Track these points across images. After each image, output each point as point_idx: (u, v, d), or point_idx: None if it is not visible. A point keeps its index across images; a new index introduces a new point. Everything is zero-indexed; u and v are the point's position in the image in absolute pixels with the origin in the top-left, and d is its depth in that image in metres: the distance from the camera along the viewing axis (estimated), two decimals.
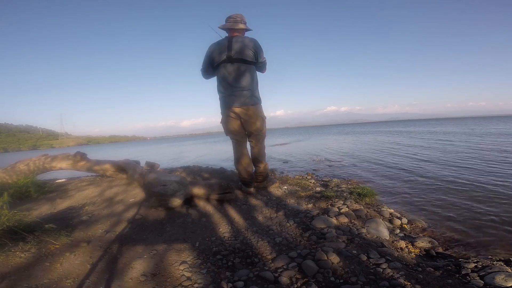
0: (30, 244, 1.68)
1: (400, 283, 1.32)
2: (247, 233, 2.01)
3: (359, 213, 2.32)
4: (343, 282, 1.37)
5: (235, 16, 2.67)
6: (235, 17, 2.66)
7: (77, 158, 4.04)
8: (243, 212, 2.43)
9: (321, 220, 2.12)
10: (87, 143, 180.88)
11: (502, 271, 1.41)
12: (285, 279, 1.41)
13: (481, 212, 2.53)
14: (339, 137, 17.37)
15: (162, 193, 2.39)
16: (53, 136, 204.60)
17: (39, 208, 2.60)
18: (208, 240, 1.92)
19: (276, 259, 1.61)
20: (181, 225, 2.18)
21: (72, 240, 1.85)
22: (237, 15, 2.67)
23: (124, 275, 1.46)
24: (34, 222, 1.88)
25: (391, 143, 10.36)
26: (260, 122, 2.77)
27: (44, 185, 3.32)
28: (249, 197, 2.81)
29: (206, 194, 2.62)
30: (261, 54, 2.68)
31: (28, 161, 3.93)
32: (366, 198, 2.80)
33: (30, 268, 1.48)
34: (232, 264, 1.60)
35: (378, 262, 1.54)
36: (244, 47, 2.58)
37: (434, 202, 2.89)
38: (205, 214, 2.39)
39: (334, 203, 2.55)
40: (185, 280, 1.43)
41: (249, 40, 2.63)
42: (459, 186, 3.41)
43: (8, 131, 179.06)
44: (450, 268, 1.55)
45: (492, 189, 3.20)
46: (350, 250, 1.66)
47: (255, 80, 2.74)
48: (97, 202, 2.73)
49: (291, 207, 2.53)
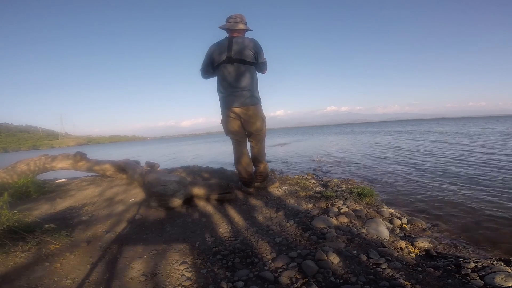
0: (30, 244, 1.68)
1: (400, 283, 1.32)
2: (247, 233, 2.01)
3: (359, 213, 2.32)
4: (343, 282, 1.37)
5: (235, 16, 2.66)
6: (235, 18, 2.65)
7: (77, 158, 4.04)
8: (243, 212, 2.42)
9: (321, 220, 2.12)
10: (87, 143, 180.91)
11: (502, 271, 1.40)
12: (285, 279, 1.41)
13: (481, 212, 2.53)
14: (339, 137, 17.38)
15: (162, 193, 2.39)
16: (53, 136, 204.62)
17: (39, 208, 2.60)
18: (208, 240, 1.92)
19: (276, 259, 1.61)
20: (181, 225, 2.18)
21: (72, 240, 1.85)
22: (237, 15, 2.66)
23: (124, 275, 1.46)
24: (34, 222, 1.88)
25: (391, 143, 10.36)
26: (260, 122, 2.77)
27: (44, 185, 3.32)
28: (249, 197, 2.81)
29: (206, 194, 2.62)
30: (261, 55, 2.68)
31: (28, 161, 3.93)
32: (366, 198, 2.80)
33: (30, 268, 1.49)
34: (232, 264, 1.60)
35: (378, 262, 1.54)
36: (244, 48, 2.58)
37: (434, 202, 2.90)
38: (205, 214, 2.39)
39: (334, 203, 2.55)
40: (185, 280, 1.44)
41: (249, 40, 2.63)
42: (459, 186, 3.42)
43: (8, 131, 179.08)
44: (450, 268, 1.54)
45: (492, 189, 3.21)
46: (350, 250, 1.66)
47: (255, 80, 2.74)
48: (97, 202, 2.73)
49: (291, 207, 2.53)
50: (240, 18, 2.65)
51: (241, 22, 2.65)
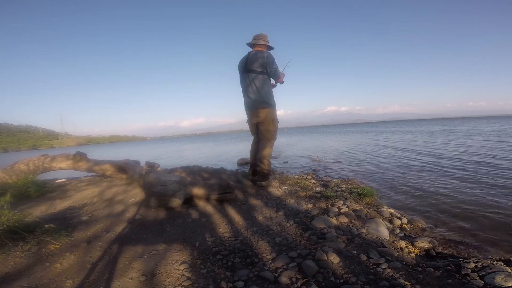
0: (30, 244, 1.68)
1: (400, 283, 1.32)
2: (247, 233, 2.01)
3: (359, 213, 2.32)
4: (343, 282, 1.37)
5: (259, 35, 3.15)
6: (258, 36, 3.14)
7: (77, 158, 4.04)
8: (243, 212, 2.43)
9: (321, 220, 2.12)
10: (87, 143, 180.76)
11: (502, 271, 1.40)
12: (285, 279, 1.41)
13: (481, 212, 2.53)
14: (339, 137, 17.38)
15: (162, 193, 2.39)
16: (53, 136, 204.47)
17: (39, 208, 2.60)
18: (208, 240, 1.92)
19: (276, 259, 1.61)
20: (181, 225, 2.18)
21: (72, 240, 1.85)
22: (261, 34, 3.14)
23: (124, 275, 1.46)
24: (34, 222, 1.88)
25: (391, 143, 10.36)
26: (268, 123, 3.12)
27: (44, 185, 3.32)
28: (249, 197, 2.81)
29: (206, 194, 2.62)
30: (270, 65, 3.00)
31: (28, 161, 3.93)
32: (366, 198, 2.80)
33: (30, 268, 1.48)
34: (232, 264, 1.60)
35: (378, 262, 1.54)
36: (256, 59, 3.00)
37: (434, 202, 2.89)
38: (205, 214, 2.39)
39: (334, 203, 2.55)
40: (185, 280, 1.43)
41: (262, 53, 3.01)
42: (459, 186, 3.41)
43: (8, 131, 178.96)
44: (450, 268, 1.55)
45: (492, 189, 3.20)
46: (350, 250, 1.66)
47: (266, 87, 3.08)
48: (97, 202, 2.73)
49: (291, 207, 2.53)
50: (262, 37, 3.12)
51: (262, 39, 3.11)
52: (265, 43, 3.12)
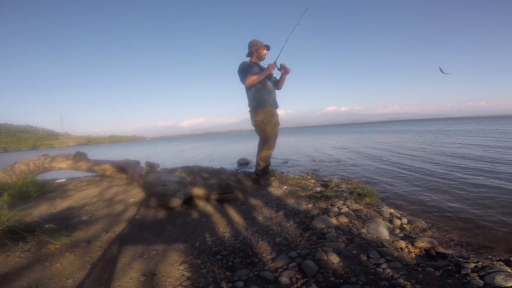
0: (30, 244, 1.68)
1: (400, 283, 1.32)
2: (247, 233, 2.01)
3: (359, 213, 2.32)
4: (343, 282, 1.37)
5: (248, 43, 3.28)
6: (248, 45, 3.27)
7: (77, 158, 4.04)
8: (243, 212, 2.43)
9: (321, 220, 2.12)
10: (87, 143, 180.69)
11: (502, 271, 1.40)
12: (285, 279, 1.41)
13: (481, 212, 2.53)
14: (339, 137, 17.37)
15: (162, 193, 2.39)
16: (53, 136, 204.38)
17: (39, 208, 2.60)
18: (208, 240, 1.92)
19: (276, 259, 1.61)
20: (181, 225, 2.18)
21: (72, 240, 1.85)
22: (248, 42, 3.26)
23: (124, 275, 1.46)
24: (34, 222, 1.88)
25: (391, 142, 10.36)
26: (257, 126, 3.23)
27: (44, 185, 3.32)
28: (249, 197, 2.82)
29: (206, 194, 2.62)
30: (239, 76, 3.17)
31: (28, 161, 3.93)
32: (366, 198, 2.80)
33: (30, 268, 1.48)
34: (232, 264, 1.60)
35: (378, 262, 1.54)
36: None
37: (434, 202, 2.89)
38: (205, 214, 2.39)
39: (334, 203, 2.55)
40: (185, 280, 1.43)
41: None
42: (459, 187, 3.41)
43: (8, 131, 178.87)
44: (450, 268, 1.54)
45: (492, 189, 3.20)
46: (350, 250, 1.66)
47: (248, 92, 3.24)
48: (97, 202, 2.73)
49: (291, 207, 2.53)
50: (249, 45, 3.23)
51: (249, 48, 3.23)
52: (249, 51, 3.27)
